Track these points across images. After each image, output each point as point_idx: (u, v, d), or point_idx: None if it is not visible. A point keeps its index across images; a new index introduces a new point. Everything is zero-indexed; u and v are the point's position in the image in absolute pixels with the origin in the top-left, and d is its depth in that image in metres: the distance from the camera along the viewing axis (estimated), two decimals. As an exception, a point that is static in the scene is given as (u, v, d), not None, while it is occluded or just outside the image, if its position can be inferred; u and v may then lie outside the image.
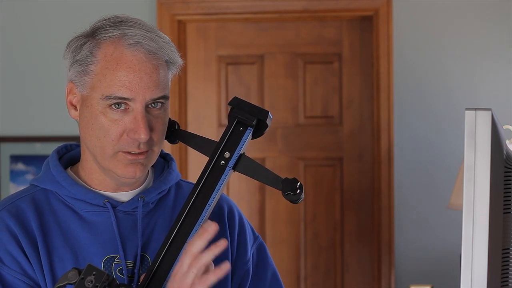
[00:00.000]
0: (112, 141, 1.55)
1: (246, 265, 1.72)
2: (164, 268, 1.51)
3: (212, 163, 1.58)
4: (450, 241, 3.95)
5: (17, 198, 1.62)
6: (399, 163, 4.01)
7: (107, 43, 1.55)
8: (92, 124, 1.56)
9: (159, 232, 1.62)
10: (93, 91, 1.55)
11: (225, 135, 1.60)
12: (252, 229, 1.77)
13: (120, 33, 1.55)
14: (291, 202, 1.57)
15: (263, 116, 1.61)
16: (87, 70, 1.55)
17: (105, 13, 1.63)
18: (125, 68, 1.53)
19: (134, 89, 1.53)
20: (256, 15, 4.11)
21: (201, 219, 1.54)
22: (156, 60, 1.56)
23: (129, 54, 1.54)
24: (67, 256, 1.56)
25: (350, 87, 4.13)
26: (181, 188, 1.72)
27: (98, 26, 1.58)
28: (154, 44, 1.55)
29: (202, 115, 4.17)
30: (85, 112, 1.57)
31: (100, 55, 1.55)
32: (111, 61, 1.54)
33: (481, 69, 3.99)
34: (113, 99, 1.53)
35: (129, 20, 1.58)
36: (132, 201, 1.62)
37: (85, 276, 1.39)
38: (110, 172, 1.59)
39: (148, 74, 1.54)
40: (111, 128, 1.54)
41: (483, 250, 1.26)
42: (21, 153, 4.08)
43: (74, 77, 1.58)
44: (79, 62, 1.56)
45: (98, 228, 1.59)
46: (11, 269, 1.54)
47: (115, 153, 1.56)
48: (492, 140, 1.27)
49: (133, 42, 1.54)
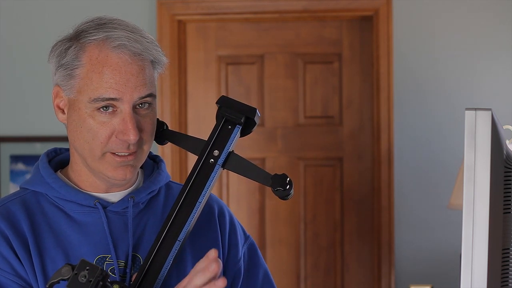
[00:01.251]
0: (101, 143, 1.55)
1: (237, 265, 1.72)
2: (155, 267, 1.52)
3: (202, 161, 1.59)
4: (450, 241, 3.95)
5: (7, 200, 1.62)
6: (399, 163, 4.01)
7: (91, 46, 1.55)
8: (81, 127, 1.56)
9: (150, 232, 1.63)
10: (80, 95, 1.56)
11: (214, 134, 1.62)
12: (243, 229, 1.78)
13: (105, 35, 1.55)
14: (281, 198, 1.59)
15: (251, 113, 1.62)
16: (73, 74, 1.56)
17: (104, 14, 1.63)
18: (111, 70, 1.54)
19: (121, 89, 1.53)
20: (256, 15, 4.11)
21: (191, 217, 1.55)
22: (142, 61, 1.56)
23: (115, 57, 1.54)
24: (58, 257, 1.57)
25: (350, 87, 4.13)
26: (171, 189, 1.72)
27: (82, 29, 1.58)
28: (139, 45, 1.56)
29: (202, 115, 4.17)
30: (73, 115, 1.57)
31: (85, 58, 1.55)
32: (97, 64, 1.54)
33: (481, 69, 3.99)
34: (100, 101, 1.54)
35: (112, 21, 1.58)
36: (122, 202, 1.62)
37: (78, 271, 1.39)
38: (100, 174, 1.59)
39: (135, 75, 1.55)
40: (100, 130, 1.55)
41: (483, 250, 1.26)
42: (21, 153, 4.08)
43: (60, 81, 1.58)
44: (64, 66, 1.57)
45: (89, 228, 1.60)
46: (3, 270, 1.54)
47: (103, 154, 1.56)
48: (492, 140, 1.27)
49: (118, 44, 1.54)
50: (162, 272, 1.52)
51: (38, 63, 4.07)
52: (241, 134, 1.63)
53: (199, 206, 1.56)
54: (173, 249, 1.53)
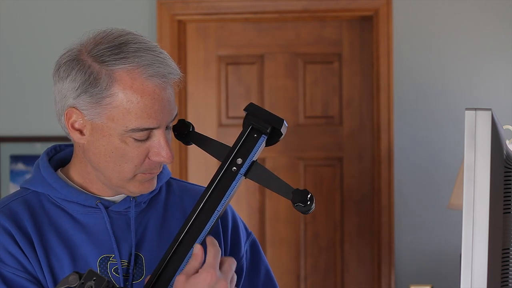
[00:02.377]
0: (135, 166, 1.55)
1: (240, 262, 1.72)
2: (168, 273, 1.51)
3: (224, 168, 1.56)
4: (450, 241, 3.95)
5: (10, 201, 1.62)
6: (399, 163, 4.01)
7: (122, 74, 1.51)
8: (112, 153, 1.54)
9: (152, 231, 1.63)
10: (112, 123, 1.52)
11: (239, 141, 1.58)
12: (245, 226, 1.77)
13: (136, 63, 1.51)
14: (301, 213, 1.56)
15: (278, 124, 1.59)
16: (101, 103, 1.52)
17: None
18: (150, 100, 1.51)
19: (159, 117, 1.52)
20: (256, 15, 4.11)
21: (209, 224, 1.53)
22: (170, 82, 1.56)
23: (151, 85, 1.52)
24: (63, 255, 1.57)
25: (350, 87, 4.13)
26: (172, 186, 1.72)
27: (101, 53, 1.52)
28: (168, 67, 1.54)
29: (202, 115, 4.17)
30: (100, 140, 1.54)
31: (118, 87, 1.51)
32: (133, 94, 1.51)
33: (481, 69, 3.99)
34: (140, 131, 1.52)
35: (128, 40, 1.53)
36: (124, 201, 1.62)
37: (85, 280, 1.39)
38: (120, 189, 1.60)
39: (168, 99, 1.54)
40: (134, 155, 1.54)
41: (483, 250, 1.26)
42: (21, 153, 4.08)
43: (82, 106, 1.53)
44: (89, 93, 1.52)
45: (91, 229, 1.60)
46: (13, 268, 1.54)
47: (134, 175, 1.56)
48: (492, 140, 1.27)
49: (153, 72, 1.51)
50: (175, 278, 1.51)
51: (38, 63, 4.07)
52: (266, 144, 1.60)
53: (217, 214, 1.54)
54: (187, 256, 1.51)
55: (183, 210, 1.68)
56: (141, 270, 1.60)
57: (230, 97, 4.17)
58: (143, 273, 1.60)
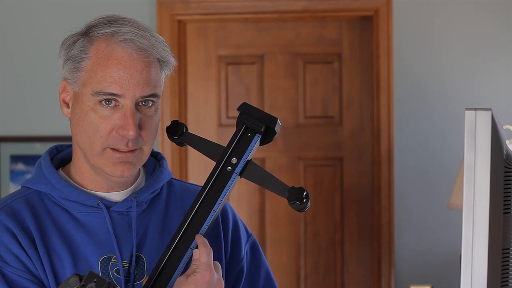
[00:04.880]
0: (101, 137, 1.55)
1: (241, 264, 1.72)
2: (166, 274, 1.51)
3: (219, 168, 1.56)
4: (450, 241, 3.95)
5: (11, 200, 1.61)
6: (399, 163, 4.01)
7: (99, 39, 1.56)
8: (83, 121, 1.56)
9: (153, 232, 1.63)
10: (84, 87, 1.56)
11: (233, 141, 1.59)
12: (245, 227, 1.77)
13: (113, 30, 1.56)
14: (297, 211, 1.56)
15: (272, 123, 1.59)
16: (79, 67, 1.56)
17: (105, 13, 1.63)
18: (115, 65, 1.53)
19: (124, 85, 1.53)
20: (256, 15, 4.11)
21: (205, 224, 1.53)
22: (147, 57, 1.56)
23: (120, 51, 1.54)
24: (65, 256, 1.57)
25: (350, 87, 4.13)
26: (173, 186, 1.72)
27: (93, 24, 1.59)
28: (146, 41, 1.55)
29: (202, 115, 4.17)
30: (77, 108, 1.57)
31: (92, 51, 1.55)
32: (102, 58, 1.54)
33: (481, 69, 3.99)
34: (103, 95, 1.53)
35: (123, 18, 1.59)
36: (126, 201, 1.62)
37: (86, 283, 1.39)
38: (99, 170, 1.59)
39: (139, 71, 1.54)
40: (101, 124, 1.54)
41: (483, 250, 1.26)
42: (21, 153, 4.08)
43: (67, 74, 1.58)
44: (71, 59, 1.57)
45: (93, 228, 1.60)
46: (15, 268, 1.54)
47: (103, 149, 1.56)
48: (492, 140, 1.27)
49: (124, 38, 1.54)
50: (173, 279, 1.51)
51: (38, 63, 4.07)
52: (260, 143, 1.61)
53: (213, 214, 1.54)
54: (184, 257, 1.52)
55: (184, 210, 1.68)
56: (143, 270, 1.60)
57: (230, 97, 4.17)
58: (145, 274, 1.60)
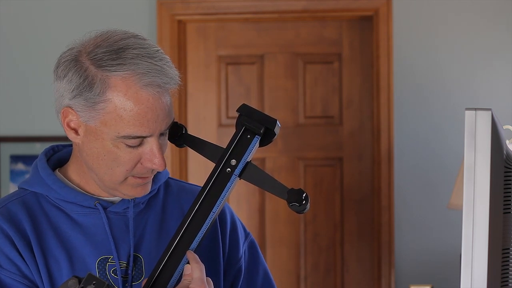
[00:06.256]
0: (126, 170, 1.54)
1: (239, 263, 1.72)
2: (165, 276, 1.51)
3: (218, 170, 1.56)
4: (450, 241, 3.95)
5: (7, 201, 1.61)
6: (399, 163, 4.01)
7: (117, 81, 1.50)
8: (104, 156, 1.54)
9: (150, 232, 1.63)
10: (105, 127, 1.52)
11: (232, 142, 1.58)
12: (243, 226, 1.77)
13: (131, 71, 1.50)
14: (296, 213, 1.57)
15: (271, 124, 1.59)
16: (96, 108, 1.51)
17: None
18: (143, 108, 1.50)
19: (152, 126, 1.52)
20: (256, 15, 4.11)
21: (204, 227, 1.53)
22: (167, 91, 1.55)
23: (145, 94, 1.50)
24: (61, 257, 1.56)
25: (350, 87, 4.13)
26: (170, 186, 1.71)
27: (99, 57, 1.51)
28: (165, 77, 1.53)
29: (202, 115, 4.17)
30: (93, 142, 1.54)
31: (111, 94, 1.50)
32: (126, 102, 1.50)
33: (481, 69, 3.99)
34: (132, 138, 1.51)
35: (128, 45, 1.52)
36: (123, 202, 1.62)
37: (85, 285, 1.39)
38: (114, 192, 1.59)
39: (163, 109, 1.53)
40: (126, 160, 1.53)
41: (483, 250, 1.26)
42: (21, 153, 4.08)
43: (77, 107, 1.53)
44: (84, 96, 1.52)
45: (90, 229, 1.59)
46: (9, 271, 1.54)
47: (125, 179, 1.56)
48: (492, 140, 1.27)
49: (148, 82, 1.50)
50: (172, 281, 1.51)
51: (38, 63, 4.07)
52: (260, 144, 1.61)
53: (212, 216, 1.54)
54: (183, 259, 1.51)
55: (182, 210, 1.67)
56: (141, 271, 1.60)
57: (230, 97, 4.17)
58: (143, 274, 1.60)
